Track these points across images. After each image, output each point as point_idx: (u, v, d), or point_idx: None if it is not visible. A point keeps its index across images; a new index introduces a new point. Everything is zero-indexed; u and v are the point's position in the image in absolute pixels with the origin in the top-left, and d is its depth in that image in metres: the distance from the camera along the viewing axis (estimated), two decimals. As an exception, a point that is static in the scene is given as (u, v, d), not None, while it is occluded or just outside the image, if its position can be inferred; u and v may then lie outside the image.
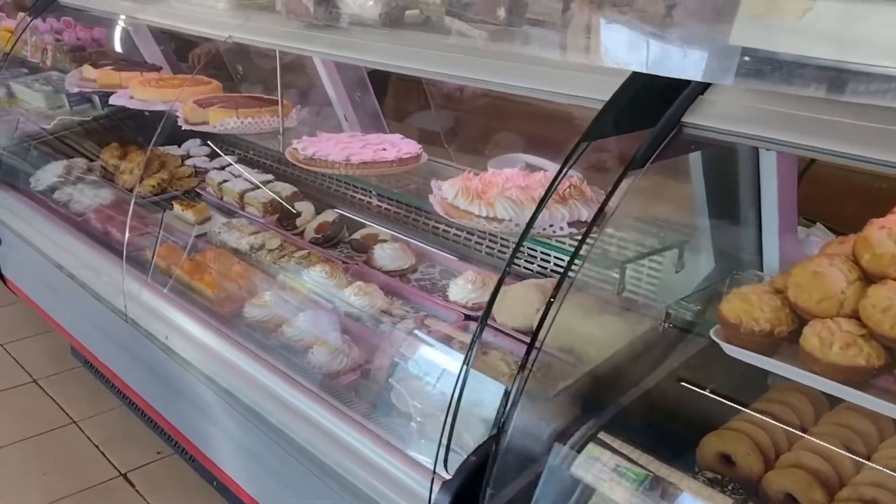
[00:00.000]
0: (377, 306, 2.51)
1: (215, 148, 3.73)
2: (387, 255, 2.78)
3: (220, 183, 3.49)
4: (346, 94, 2.92)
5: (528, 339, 1.59)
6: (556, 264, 2.53)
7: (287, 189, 3.37)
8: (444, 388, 2.04)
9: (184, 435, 2.82)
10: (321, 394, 2.13)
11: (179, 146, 4.03)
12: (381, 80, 3.08)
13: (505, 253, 2.71)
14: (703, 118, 1.48)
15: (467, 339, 2.30)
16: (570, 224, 1.80)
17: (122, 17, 3.30)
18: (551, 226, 1.83)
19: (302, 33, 2.30)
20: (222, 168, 3.70)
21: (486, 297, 2.48)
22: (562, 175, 1.54)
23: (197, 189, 3.65)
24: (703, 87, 1.50)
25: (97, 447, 3.49)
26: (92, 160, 3.87)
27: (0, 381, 4.05)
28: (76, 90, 3.55)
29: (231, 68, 3.57)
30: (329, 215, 3.13)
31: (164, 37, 4.05)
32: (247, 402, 2.28)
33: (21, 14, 4.71)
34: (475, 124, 2.77)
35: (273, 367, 2.29)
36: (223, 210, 3.44)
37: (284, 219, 3.20)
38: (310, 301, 2.56)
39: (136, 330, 2.70)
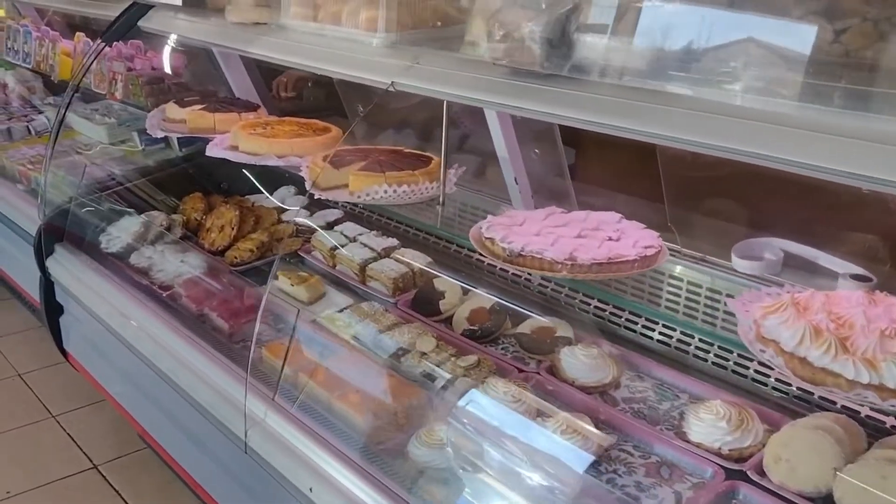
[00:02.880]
0: (592, 448, 1.85)
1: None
2: (581, 363, 2.11)
3: (333, 249, 2.84)
4: (521, 148, 2.26)
5: None
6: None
7: (419, 258, 2.72)
8: None
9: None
10: None
11: (271, 193, 3.40)
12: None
13: (751, 367, 2.02)
14: None
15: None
16: None
17: (235, 49, 2.67)
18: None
19: (512, 84, 1.64)
20: (330, 226, 3.06)
21: (749, 443, 1.81)
22: None
23: (299, 252, 3.00)
24: None
25: (174, 562, 2.90)
26: (170, 213, 3.25)
27: (56, 467, 3.48)
28: (161, 135, 2.91)
29: (347, 106, 2.93)
30: (483, 300, 2.48)
31: (253, 63, 3.43)
32: None
33: (79, 34, 4.12)
34: (697, 190, 2.10)
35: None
36: (333, 281, 2.79)
37: (423, 301, 2.55)
38: (496, 435, 1.90)
39: (256, 462, 2.06)
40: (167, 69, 3.53)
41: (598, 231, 1.85)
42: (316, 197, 2.26)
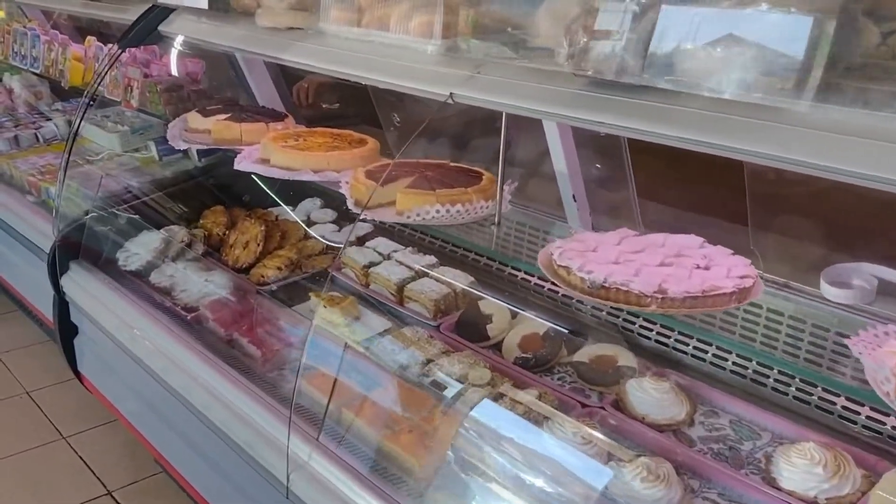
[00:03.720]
0: (677, 498, 1.68)
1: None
2: (651, 398, 1.94)
3: (367, 267, 2.67)
4: (581, 163, 2.08)
5: None
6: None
7: (461, 278, 2.55)
8: None
9: None
10: None
11: (296, 206, 3.23)
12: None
13: (838, 404, 1.86)
14: None
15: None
16: None
17: (268, 56, 2.49)
18: None
19: (595, 96, 1.47)
20: (360, 242, 2.89)
21: (847, 491, 1.64)
22: None
23: (329, 270, 2.83)
24: None
25: None
26: (189, 226, 3.07)
27: (68, 492, 3.32)
28: (184, 146, 2.73)
29: (382, 115, 2.75)
30: (534, 324, 2.31)
31: (278, 69, 3.25)
32: None
33: (90, 38, 3.94)
34: (781, 210, 1.94)
35: None
36: (366, 301, 2.60)
37: (469, 325, 2.38)
38: (567, 482, 1.73)
39: (298, 506, 1.89)
40: (185, 75, 3.35)
41: (682, 258, 1.67)
42: (361, 217, 2.08)
